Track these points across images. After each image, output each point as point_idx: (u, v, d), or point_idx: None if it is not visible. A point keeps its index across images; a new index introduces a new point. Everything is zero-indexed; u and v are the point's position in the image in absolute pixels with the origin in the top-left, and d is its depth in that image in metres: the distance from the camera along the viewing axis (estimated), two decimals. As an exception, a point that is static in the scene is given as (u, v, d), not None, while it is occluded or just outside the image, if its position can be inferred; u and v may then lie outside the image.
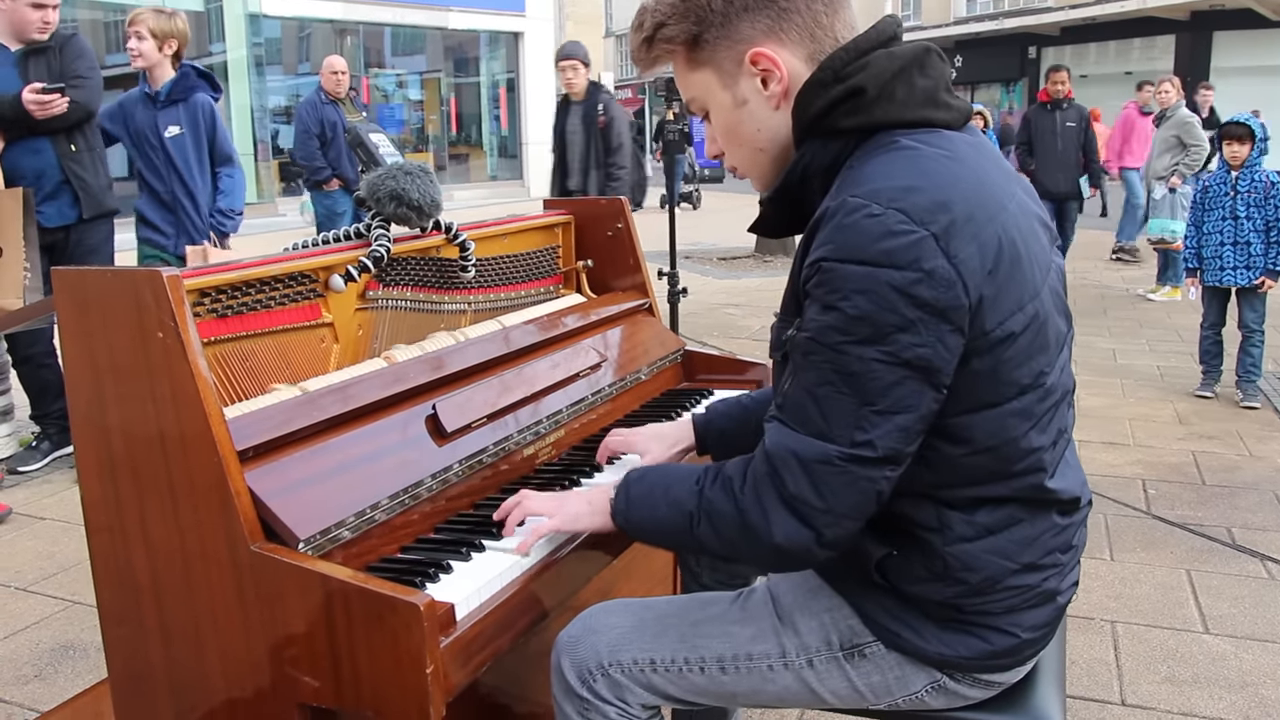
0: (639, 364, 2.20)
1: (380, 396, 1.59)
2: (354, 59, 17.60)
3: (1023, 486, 1.27)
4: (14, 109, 3.78)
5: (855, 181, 1.20)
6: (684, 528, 1.31)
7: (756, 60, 1.29)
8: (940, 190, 1.16)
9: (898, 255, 1.12)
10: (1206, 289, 5.25)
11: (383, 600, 1.22)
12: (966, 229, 1.15)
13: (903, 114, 1.25)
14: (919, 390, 1.16)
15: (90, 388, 1.42)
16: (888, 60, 1.25)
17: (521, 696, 1.95)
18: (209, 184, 4.33)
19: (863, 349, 1.14)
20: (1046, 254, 1.29)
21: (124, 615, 1.49)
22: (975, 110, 9.18)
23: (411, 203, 1.83)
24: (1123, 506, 3.74)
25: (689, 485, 1.32)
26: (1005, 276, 1.18)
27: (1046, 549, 1.31)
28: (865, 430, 1.17)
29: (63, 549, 3.40)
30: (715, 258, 10.94)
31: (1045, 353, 1.25)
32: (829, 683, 1.38)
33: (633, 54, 1.42)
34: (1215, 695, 2.49)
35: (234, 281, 1.57)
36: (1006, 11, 28.36)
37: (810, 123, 1.28)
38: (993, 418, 1.22)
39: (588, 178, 5.96)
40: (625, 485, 1.41)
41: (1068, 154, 8.12)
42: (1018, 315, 1.20)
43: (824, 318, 1.16)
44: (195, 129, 4.26)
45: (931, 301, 1.13)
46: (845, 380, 1.16)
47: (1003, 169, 1.30)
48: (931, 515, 1.28)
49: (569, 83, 5.94)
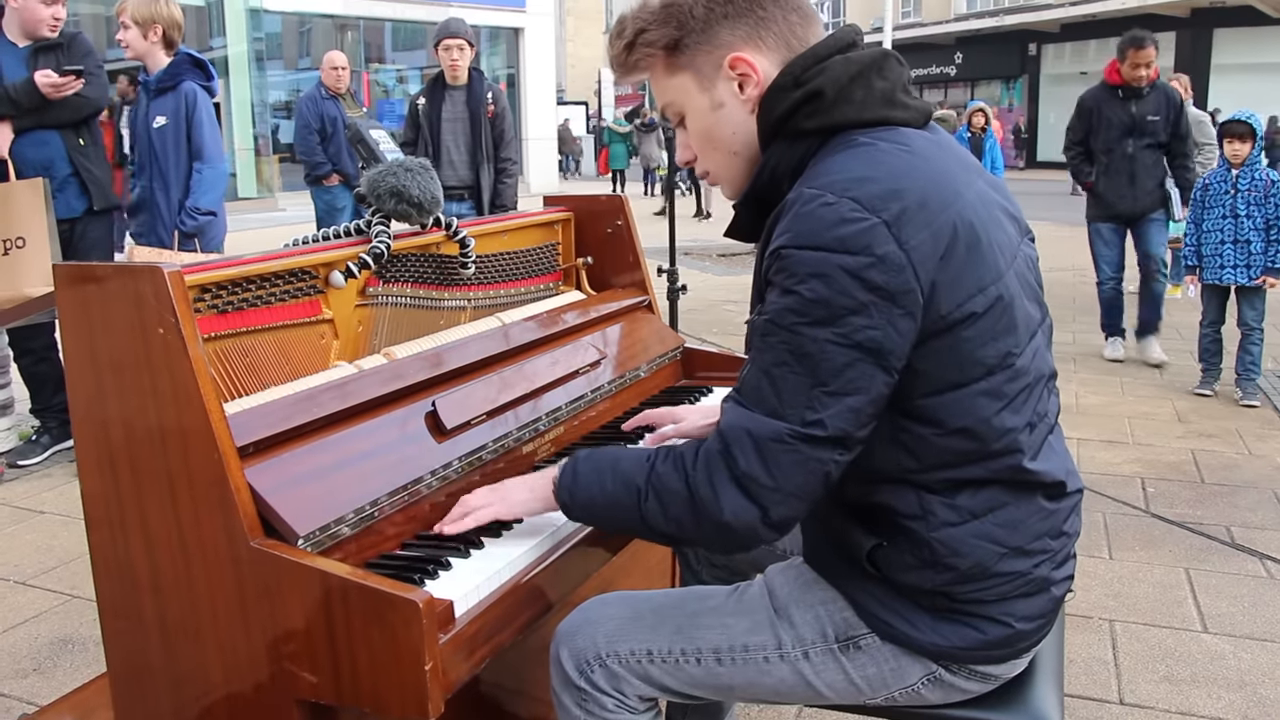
0: (638, 361, 2.20)
1: (380, 393, 1.59)
2: (354, 54, 17.58)
3: (1001, 468, 1.29)
4: (29, 95, 3.79)
5: (813, 175, 1.26)
6: (631, 504, 1.33)
7: (735, 65, 1.35)
8: (893, 180, 1.21)
9: (850, 241, 1.17)
10: (1206, 287, 5.25)
11: (382, 597, 1.23)
12: (919, 216, 1.20)
13: (861, 114, 1.30)
14: (870, 372, 1.20)
15: (91, 382, 1.42)
16: (844, 65, 1.31)
17: (521, 692, 1.96)
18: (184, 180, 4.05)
19: (817, 330, 1.19)
20: (1013, 242, 1.33)
21: (123, 610, 1.49)
22: (976, 107, 9.14)
23: (412, 199, 1.83)
24: (1122, 505, 3.75)
25: (639, 462, 1.35)
26: (962, 260, 1.22)
27: (1035, 534, 1.33)
28: (816, 410, 1.20)
29: (62, 543, 3.40)
30: (715, 254, 10.95)
31: (1012, 334, 1.28)
32: (825, 675, 1.39)
33: (612, 59, 1.45)
34: (1214, 694, 2.49)
35: (235, 277, 1.57)
36: (1007, 8, 28.38)
37: (774, 126, 1.33)
38: (961, 398, 1.26)
39: (478, 171, 5.44)
40: (573, 463, 1.42)
41: (1146, 161, 5.65)
42: (978, 297, 1.24)
43: (782, 301, 1.21)
44: (177, 119, 4.01)
45: (883, 285, 1.17)
46: (799, 360, 1.20)
47: (963, 162, 1.34)
48: (913, 502, 1.30)
49: (453, 64, 5.33)
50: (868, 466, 1.29)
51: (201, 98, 4.07)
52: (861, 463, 1.27)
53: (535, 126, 20.67)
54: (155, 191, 4.07)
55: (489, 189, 5.51)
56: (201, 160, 4.06)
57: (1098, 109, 5.78)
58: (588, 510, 1.41)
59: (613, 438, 1.95)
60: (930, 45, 30.44)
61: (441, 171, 5.29)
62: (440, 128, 5.41)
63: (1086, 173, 5.85)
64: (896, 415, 1.26)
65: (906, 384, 1.24)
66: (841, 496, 1.34)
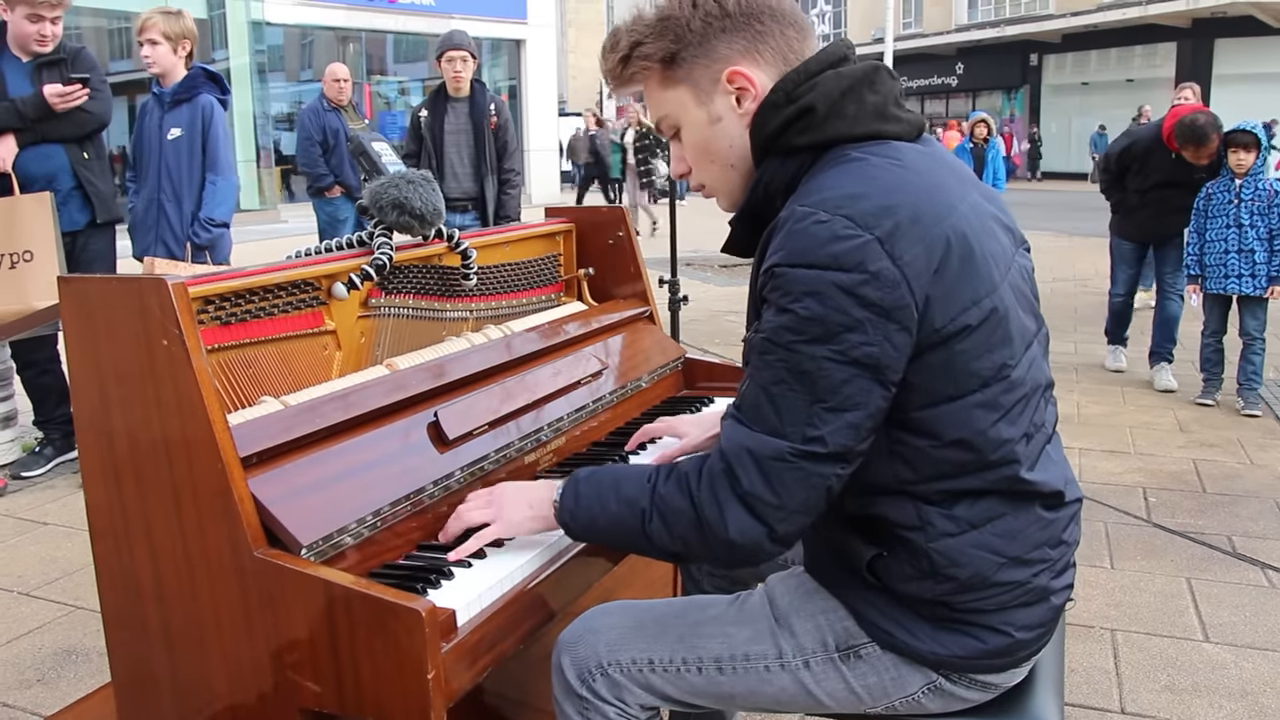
0: (640, 371, 2.21)
1: (382, 404, 1.60)
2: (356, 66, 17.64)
3: (998, 479, 1.30)
4: (36, 108, 3.82)
5: (806, 192, 1.26)
6: (635, 524, 1.34)
7: (733, 79, 1.35)
8: (885, 196, 1.22)
9: (844, 258, 1.18)
10: (1208, 296, 5.25)
11: (385, 606, 1.23)
12: (912, 231, 1.20)
13: (853, 129, 1.30)
14: (867, 388, 1.21)
15: (95, 393, 1.43)
16: (836, 80, 1.31)
17: (523, 702, 1.96)
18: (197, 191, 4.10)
19: (814, 348, 1.19)
20: (1007, 253, 1.34)
21: (127, 620, 1.50)
22: (979, 118, 9.16)
23: (414, 211, 1.84)
24: (1123, 514, 3.75)
25: (640, 483, 1.35)
26: (955, 274, 1.23)
27: (1033, 543, 1.33)
28: (816, 426, 1.21)
29: (66, 554, 3.41)
30: (716, 265, 10.95)
31: (1007, 346, 1.28)
32: (826, 684, 1.39)
33: (606, 73, 1.45)
34: (1215, 704, 2.49)
35: (238, 289, 1.58)
36: (1008, 19, 28.44)
37: (767, 142, 1.34)
38: (957, 410, 1.26)
39: (483, 184, 5.48)
40: (574, 483, 1.43)
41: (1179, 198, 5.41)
42: (972, 310, 1.24)
43: (778, 319, 1.22)
44: (193, 131, 4.08)
45: (877, 302, 1.18)
46: (797, 378, 1.21)
47: (958, 174, 1.35)
48: (911, 513, 1.30)
49: (456, 76, 5.38)
50: (865, 478, 1.30)
51: (218, 111, 4.14)
52: (859, 475, 1.28)
53: (537, 138, 20.72)
54: (165, 204, 4.10)
55: (493, 200, 5.53)
56: (215, 172, 4.11)
57: (1146, 158, 5.55)
58: (589, 530, 1.42)
59: (615, 447, 1.95)
60: (931, 56, 30.52)
61: (445, 183, 5.35)
62: (443, 140, 5.43)
63: (1117, 198, 5.78)
64: (893, 428, 1.27)
65: (902, 397, 1.25)
66: (840, 508, 1.34)
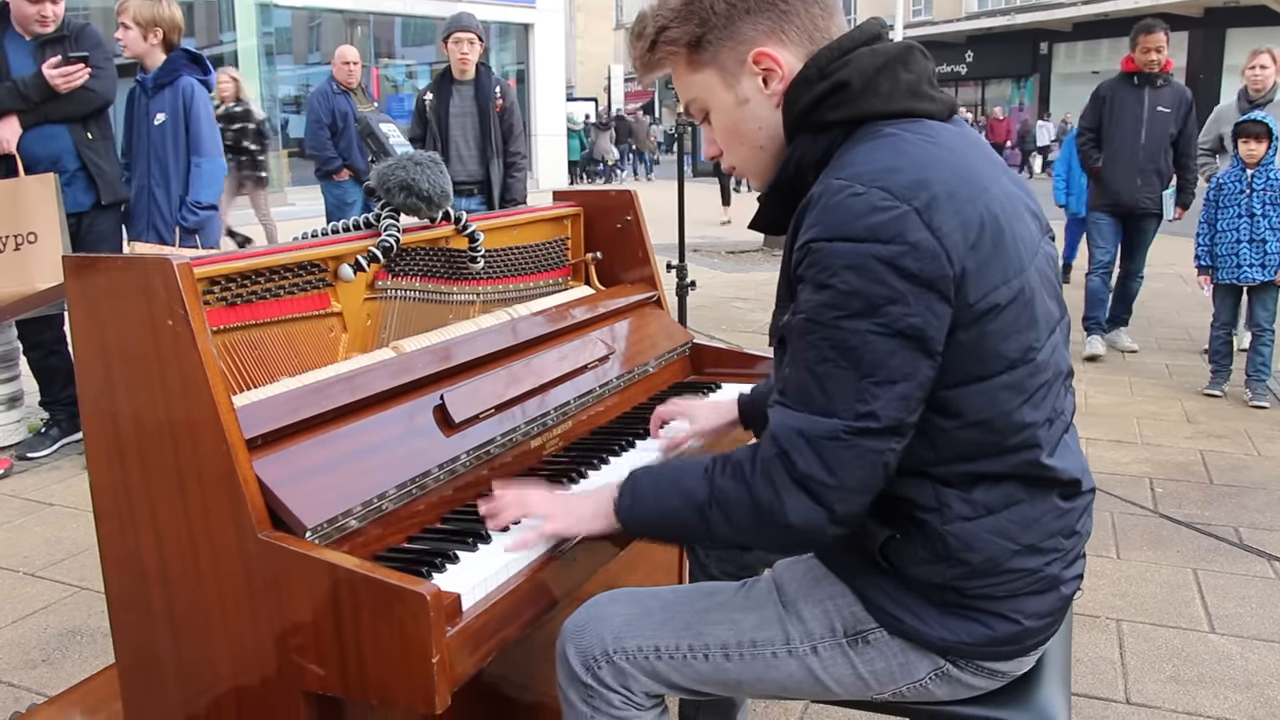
0: (647, 357, 2.20)
1: (388, 386, 1.59)
2: (364, 49, 17.59)
3: (1019, 463, 1.29)
4: (39, 89, 3.81)
5: (839, 166, 1.25)
6: (695, 518, 1.33)
7: (759, 60, 1.34)
8: (920, 169, 1.21)
9: (882, 230, 1.17)
10: (1219, 287, 5.22)
11: (389, 590, 1.23)
12: (948, 204, 1.20)
13: (887, 105, 1.29)
14: (914, 358, 1.19)
15: (100, 375, 1.43)
16: (871, 56, 1.30)
17: (527, 686, 1.96)
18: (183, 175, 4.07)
19: (857, 323, 1.18)
20: (1034, 239, 1.33)
21: (132, 601, 1.50)
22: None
23: (421, 193, 1.83)
24: (1130, 505, 3.73)
25: (698, 475, 1.34)
26: (988, 251, 1.22)
27: (1048, 532, 1.33)
28: (867, 401, 1.20)
29: (71, 535, 3.42)
30: (724, 251, 10.94)
31: (1034, 329, 1.28)
32: (833, 670, 1.39)
33: (635, 59, 1.45)
34: (1220, 695, 2.48)
35: (243, 270, 1.57)
36: (1019, 7, 28.26)
37: (799, 118, 1.32)
38: (983, 390, 1.25)
39: (488, 167, 5.41)
40: (631, 482, 1.42)
41: (1153, 150, 5.70)
42: (1002, 289, 1.23)
43: (817, 296, 1.20)
44: (175, 114, 4.04)
45: (918, 273, 1.17)
46: (843, 355, 1.19)
47: (988, 158, 1.34)
48: (930, 494, 1.30)
49: (463, 58, 5.30)
50: None
51: (199, 92, 4.09)
52: None
53: (545, 122, 20.66)
54: (155, 188, 4.08)
55: (499, 184, 5.50)
56: (199, 154, 4.08)
57: (1112, 97, 5.84)
58: (651, 527, 1.42)
59: (619, 435, 1.95)
60: (941, 44, 30.34)
61: (451, 167, 5.20)
62: (448, 123, 5.37)
63: (1095, 158, 5.89)
64: None
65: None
66: None
